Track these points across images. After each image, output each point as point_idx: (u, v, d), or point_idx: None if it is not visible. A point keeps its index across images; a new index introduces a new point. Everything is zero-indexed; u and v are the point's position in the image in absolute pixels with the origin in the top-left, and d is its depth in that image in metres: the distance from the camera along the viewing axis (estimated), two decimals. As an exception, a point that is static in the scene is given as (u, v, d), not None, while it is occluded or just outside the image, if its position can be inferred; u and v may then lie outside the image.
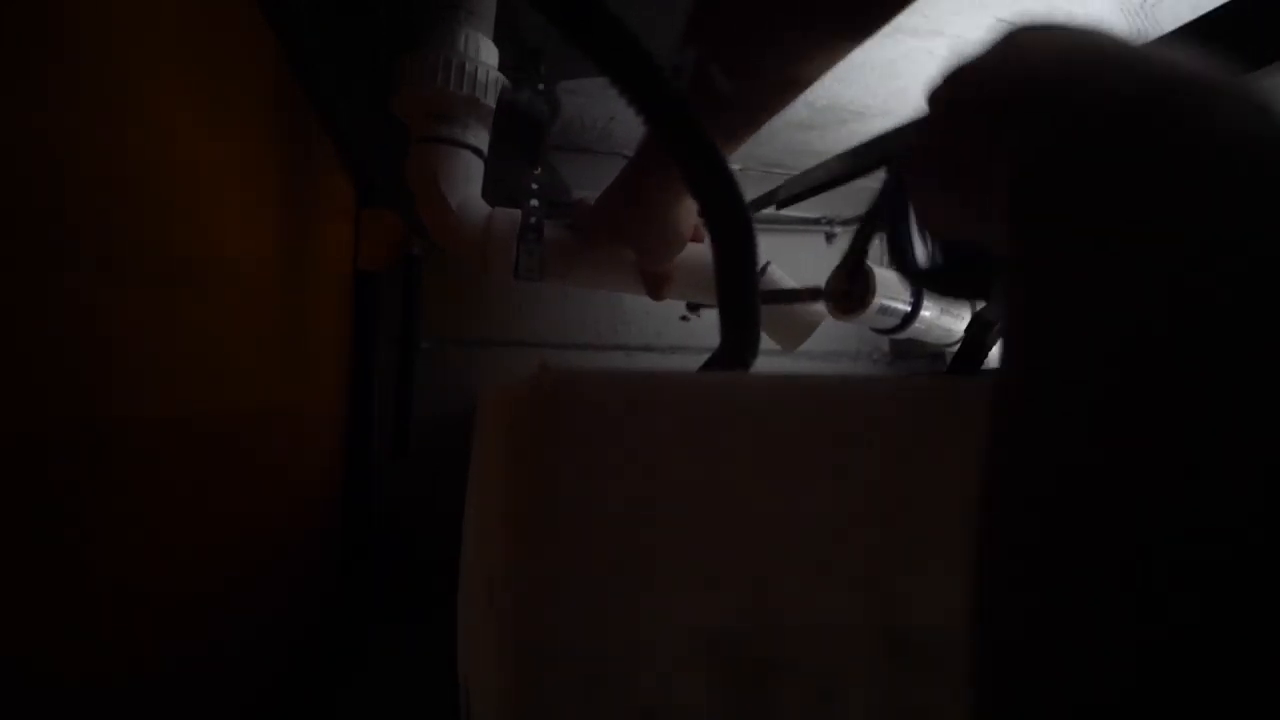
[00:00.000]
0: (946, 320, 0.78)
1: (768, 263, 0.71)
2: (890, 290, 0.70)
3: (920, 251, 0.32)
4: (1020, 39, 0.21)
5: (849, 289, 0.57)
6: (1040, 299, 0.16)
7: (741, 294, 0.34)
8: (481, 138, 0.59)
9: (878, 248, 0.40)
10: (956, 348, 0.86)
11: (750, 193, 0.35)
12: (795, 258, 1.07)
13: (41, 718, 0.25)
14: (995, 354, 0.24)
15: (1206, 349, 0.13)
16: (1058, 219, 0.17)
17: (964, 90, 0.22)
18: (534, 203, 0.58)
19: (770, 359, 0.71)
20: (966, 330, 0.37)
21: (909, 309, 0.72)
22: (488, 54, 0.57)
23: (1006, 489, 0.16)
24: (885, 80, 0.74)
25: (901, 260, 0.35)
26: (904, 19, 0.63)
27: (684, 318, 0.78)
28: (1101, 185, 0.16)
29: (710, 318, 0.74)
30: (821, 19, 0.38)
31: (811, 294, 0.63)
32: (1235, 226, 0.14)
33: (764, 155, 0.97)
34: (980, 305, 0.38)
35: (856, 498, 0.23)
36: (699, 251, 0.58)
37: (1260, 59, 0.26)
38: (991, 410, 0.17)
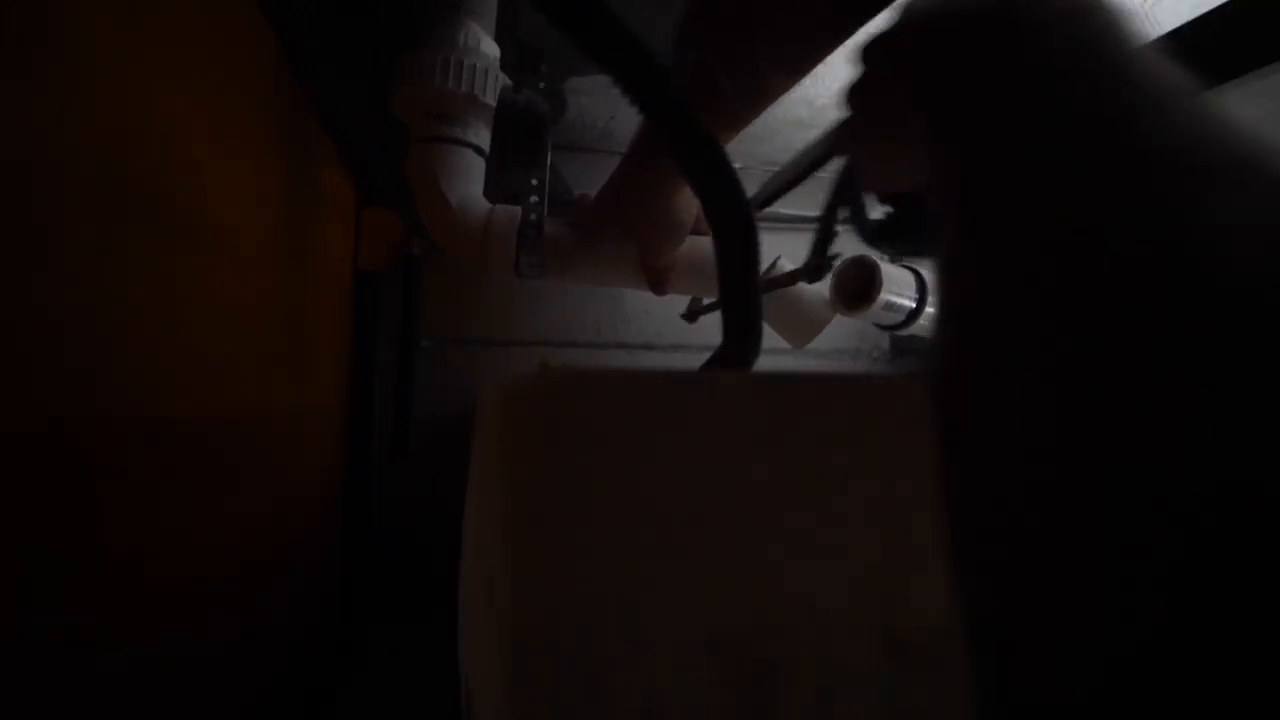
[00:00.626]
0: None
1: (778, 257, 0.72)
2: (895, 286, 0.70)
3: (877, 215, 0.35)
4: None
5: (818, 263, 0.59)
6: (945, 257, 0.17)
7: (743, 292, 0.34)
8: (482, 136, 0.59)
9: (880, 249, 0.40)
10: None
11: (750, 192, 0.35)
12: (795, 257, 1.07)
13: (41, 717, 0.25)
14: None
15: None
16: (946, 153, 0.18)
17: (874, 52, 0.24)
18: (534, 199, 0.58)
19: (771, 358, 0.71)
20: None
21: (914, 305, 0.72)
22: (488, 52, 0.57)
23: (950, 479, 0.16)
24: (885, 79, 0.74)
25: (859, 222, 0.38)
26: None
27: (685, 317, 0.78)
28: (965, 112, 0.17)
29: (712, 317, 0.74)
30: (819, 10, 0.38)
31: (790, 277, 0.64)
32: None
33: (764, 154, 0.97)
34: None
35: (857, 496, 0.23)
36: (700, 244, 0.58)
37: (1260, 59, 0.26)
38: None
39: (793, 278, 0.63)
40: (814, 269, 0.60)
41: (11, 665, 0.23)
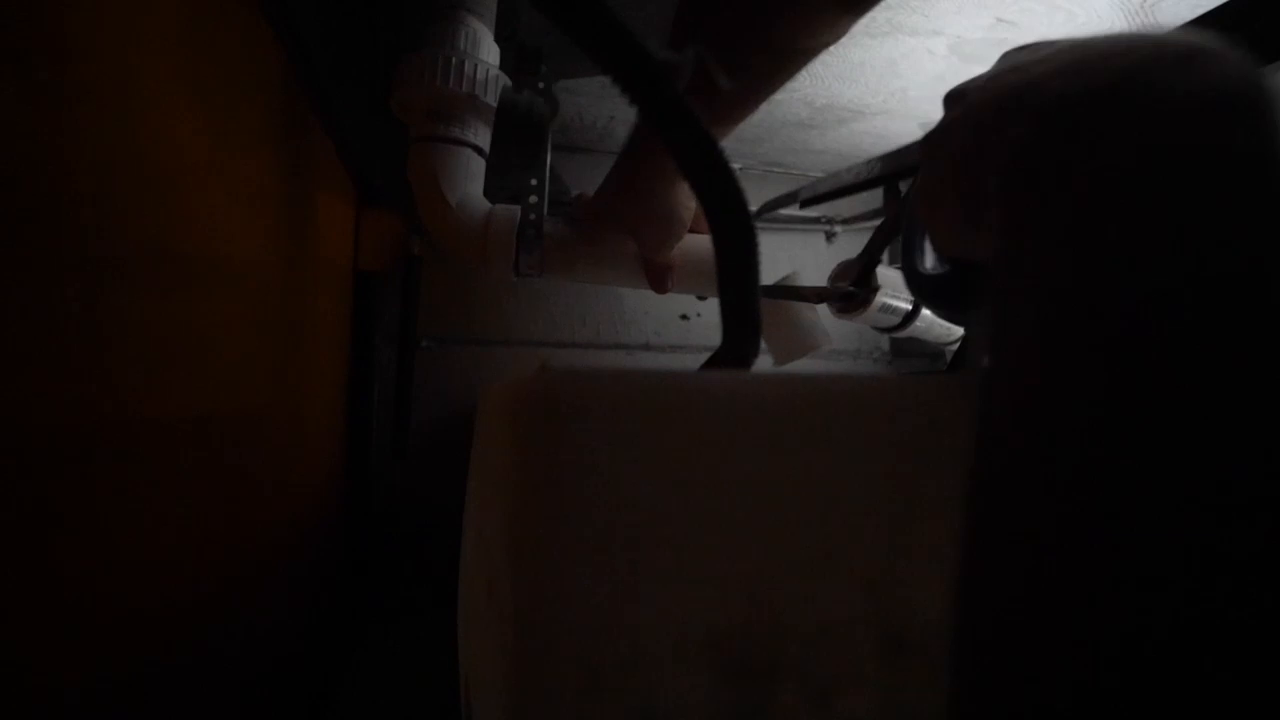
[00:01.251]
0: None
1: (794, 272, 0.71)
2: (891, 289, 0.70)
3: (929, 261, 0.33)
4: (1009, 57, 0.22)
5: (853, 291, 0.57)
6: (1007, 304, 0.17)
7: (743, 292, 0.34)
8: (482, 136, 0.59)
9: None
10: (955, 346, 0.85)
11: (750, 191, 0.35)
12: (795, 258, 1.07)
13: (40, 716, 0.25)
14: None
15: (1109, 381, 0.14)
16: (1026, 222, 0.18)
17: (960, 108, 0.23)
18: (533, 199, 0.58)
19: (770, 358, 0.71)
20: (966, 329, 0.37)
21: (910, 308, 0.72)
22: (488, 52, 0.57)
23: (989, 509, 0.16)
24: (885, 80, 0.74)
25: (910, 265, 0.36)
26: (904, 18, 0.63)
27: (684, 316, 0.78)
28: (1058, 191, 0.17)
29: (710, 317, 0.73)
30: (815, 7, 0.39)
31: (817, 294, 0.63)
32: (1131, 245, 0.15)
33: (764, 154, 0.97)
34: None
35: (857, 497, 0.23)
36: (701, 242, 0.57)
37: (1260, 58, 0.26)
38: (978, 414, 0.17)
39: (820, 296, 0.62)
40: (846, 297, 0.58)
41: (10, 664, 0.23)
